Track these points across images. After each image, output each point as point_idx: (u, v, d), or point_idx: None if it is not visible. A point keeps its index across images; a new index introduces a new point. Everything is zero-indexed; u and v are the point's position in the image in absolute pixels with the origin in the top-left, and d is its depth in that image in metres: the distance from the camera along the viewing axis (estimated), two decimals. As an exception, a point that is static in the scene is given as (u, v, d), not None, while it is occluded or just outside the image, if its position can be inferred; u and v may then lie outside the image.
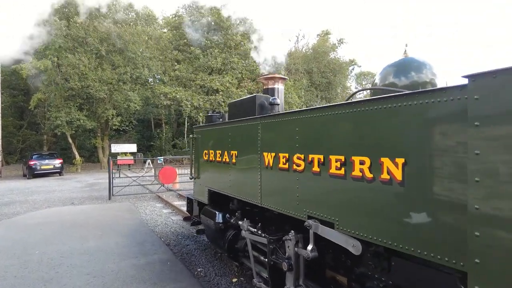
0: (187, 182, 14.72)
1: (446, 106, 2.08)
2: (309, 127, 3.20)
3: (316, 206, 3.11)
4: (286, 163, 3.50)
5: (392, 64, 3.78)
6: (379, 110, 2.49)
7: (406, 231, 2.31)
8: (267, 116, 3.89)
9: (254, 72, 30.88)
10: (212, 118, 5.81)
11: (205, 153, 5.68)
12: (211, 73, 30.49)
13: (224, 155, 4.92)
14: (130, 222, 8.64)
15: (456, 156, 2.00)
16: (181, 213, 9.75)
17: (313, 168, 3.12)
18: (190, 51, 29.97)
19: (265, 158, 3.88)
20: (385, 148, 2.44)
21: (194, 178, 6.15)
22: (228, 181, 4.79)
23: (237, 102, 5.07)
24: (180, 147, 38.70)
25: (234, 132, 4.64)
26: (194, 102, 28.25)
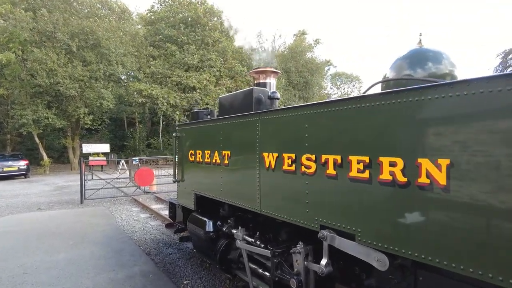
0: (164, 184, 14.02)
1: (504, 97, 1.72)
2: (322, 123, 2.78)
3: (332, 214, 2.70)
4: (292, 164, 3.06)
5: (405, 56, 3.43)
6: (417, 103, 2.10)
7: (452, 244, 1.93)
8: (267, 112, 3.44)
9: (232, 70, 30.33)
10: (198, 115, 5.28)
11: (190, 154, 5.15)
12: (187, 70, 29.64)
13: (214, 155, 4.42)
14: (105, 229, 7.92)
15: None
16: (160, 217, 9.12)
17: (328, 170, 2.70)
18: (166, 47, 28.98)
19: (265, 159, 3.43)
20: (424, 147, 2.06)
21: (177, 181, 5.59)
22: (219, 185, 4.29)
23: (229, 97, 4.58)
24: (155, 147, 37.51)
25: (226, 130, 4.16)
26: (171, 99, 27.33)
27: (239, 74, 30.43)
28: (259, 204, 3.53)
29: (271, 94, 3.66)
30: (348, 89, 63.77)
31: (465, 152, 1.88)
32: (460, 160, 1.90)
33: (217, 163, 4.35)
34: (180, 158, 5.55)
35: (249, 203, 3.70)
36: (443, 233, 1.96)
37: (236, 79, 31.00)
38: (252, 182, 3.62)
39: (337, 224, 2.65)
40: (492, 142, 1.77)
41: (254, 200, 3.60)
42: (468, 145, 1.87)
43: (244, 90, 4.18)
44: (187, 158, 5.25)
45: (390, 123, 2.25)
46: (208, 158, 4.59)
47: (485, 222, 1.80)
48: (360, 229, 2.47)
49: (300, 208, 2.99)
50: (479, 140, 1.82)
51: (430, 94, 2.04)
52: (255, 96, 3.92)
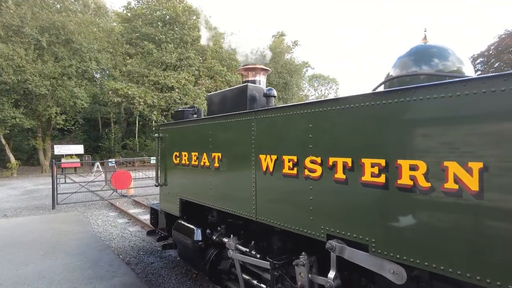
0: (142, 187, 13.45)
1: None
2: (329, 122, 2.53)
3: (340, 223, 2.45)
4: (294, 168, 2.80)
5: (409, 53, 3.25)
6: (444, 100, 1.88)
7: (485, 257, 1.74)
8: (264, 110, 3.16)
9: (212, 70, 29.84)
10: (184, 114, 4.93)
11: (175, 156, 4.79)
12: (165, 69, 28.87)
13: (202, 158, 4.09)
14: (80, 236, 7.37)
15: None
16: (139, 223, 8.64)
17: (336, 174, 2.46)
18: (143, 46, 28.07)
19: (262, 162, 3.15)
20: (451, 147, 1.85)
21: (160, 186, 5.21)
22: (208, 190, 3.97)
23: (220, 94, 4.26)
24: (131, 148, 36.35)
25: (217, 130, 3.84)
26: (148, 99, 26.46)
27: (218, 74, 29.97)
28: (254, 210, 3.25)
29: (267, 91, 3.39)
30: (325, 91, 64.61)
31: (500, 153, 1.68)
32: (494, 163, 1.70)
33: (206, 166, 4.03)
34: (163, 161, 5.17)
35: (243, 210, 3.41)
36: (478, 244, 1.76)
37: (215, 79, 30.51)
38: (247, 186, 3.33)
39: (347, 233, 2.41)
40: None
41: (249, 206, 3.31)
42: (503, 146, 1.68)
43: (237, 86, 3.88)
44: (171, 160, 4.88)
45: (411, 122, 2.03)
46: (196, 160, 4.25)
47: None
48: (374, 239, 2.24)
49: (303, 215, 2.73)
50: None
51: (459, 91, 1.83)
52: (249, 93, 3.63)
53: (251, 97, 3.66)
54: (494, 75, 1.71)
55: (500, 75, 1.68)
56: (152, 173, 16.57)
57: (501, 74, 1.68)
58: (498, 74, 1.69)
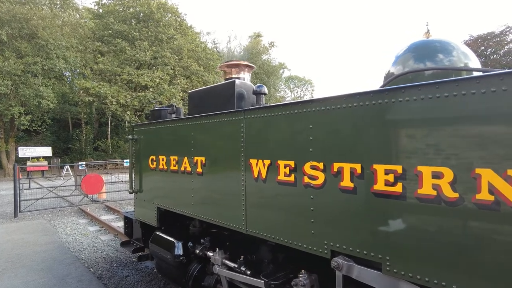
0: (115, 192, 12.72)
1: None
2: (334, 123, 2.22)
3: (348, 237, 2.15)
4: (291, 174, 2.47)
5: (410, 48, 3.01)
6: (486, 96, 1.61)
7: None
8: (255, 109, 2.81)
9: (188, 69, 29.13)
10: (161, 114, 4.49)
11: (151, 160, 4.34)
12: (139, 67, 27.89)
13: (183, 162, 3.69)
14: (46, 248, 6.71)
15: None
16: (112, 230, 8.05)
17: (342, 182, 2.15)
18: (115, 43, 26.96)
19: (252, 167, 2.80)
20: (486, 152, 1.58)
21: (134, 193, 4.73)
22: (190, 198, 3.57)
23: (203, 91, 3.85)
24: (103, 150, 34.92)
25: (199, 131, 3.45)
26: (121, 99, 25.43)
27: (195, 74, 29.31)
28: (244, 222, 2.89)
29: (257, 88, 3.04)
30: (301, 92, 65.15)
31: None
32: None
33: (187, 171, 3.63)
34: (138, 165, 4.70)
35: (231, 221, 3.04)
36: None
37: (192, 78, 29.84)
38: (235, 195, 2.97)
39: (355, 249, 2.10)
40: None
41: (238, 218, 2.95)
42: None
43: (223, 83, 3.50)
44: (147, 165, 4.43)
45: (437, 122, 1.74)
46: (175, 165, 3.84)
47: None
48: (389, 256, 1.94)
49: (302, 228, 2.40)
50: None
51: (495, 86, 1.57)
52: (237, 91, 3.26)
53: (239, 95, 3.29)
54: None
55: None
56: (126, 176, 15.80)
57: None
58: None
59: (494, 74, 1.58)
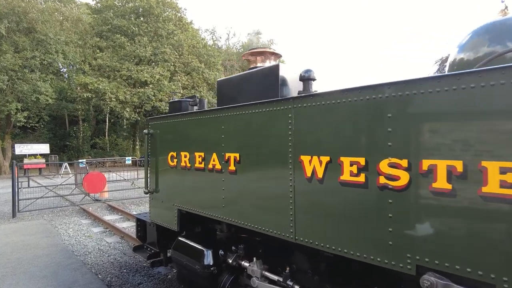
0: (117, 191, 12.26)
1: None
2: (427, 110, 1.81)
3: (441, 250, 1.74)
4: (360, 173, 2.07)
5: (484, 28, 2.60)
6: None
7: None
8: (308, 97, 2.39)
9: (189, 66, 28.62)
10: (181, 105, 4.07)
11: (171, 157, 3.92)
12: (139, 63, 27.34)
13: (211, 159, 3.26)
14: (48, 252, 6.26)
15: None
16: (118, 232, 7.61)
17: (435, 183, 1.74)
18: (114, 39, 26.35)
19: (305, 165, 2.39)
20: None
21: (150, 193, 4.31)
22: (220, 199, 3.16)
23: (236, 79, 3.42)
24: (100, 147, 34.38)
25: (233, 124, 3.03)
26: (120, 95, 24.89)
27: (196, 71, 28.80)
28: (292, 230, 2.48)
29: (305, 73, 2.62)
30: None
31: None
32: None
33: (216, 169, 3.21)
34: (154, 162, 4.27)
35: (274, 228, 2.63)
36: None
37: (192, 75, 29.34)
38: (281, 197, 2.56)
39: (453, 265, 1.70)
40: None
41: (284, 224, 2.54)
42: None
43: (263, 68, 3.05)
44: (166, 162, 4.00)
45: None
46: (201, 162, 3.41)
47: None
48: (506, 277, 1.54)
49: (375, 238, 2.00)
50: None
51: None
52: (281, 76, 2.84)
53: (283, 81, 2.87)
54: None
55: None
56: (127, 174, 15.35)
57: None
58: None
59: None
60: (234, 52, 44.59)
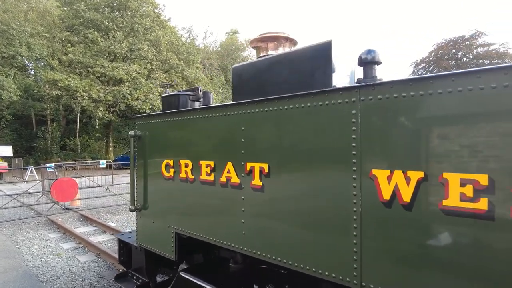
0: (91, 198, 11.09)
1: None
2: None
3: None
4: (478, 198, 1.36)
5: None
6: None
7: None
8: (389, 85, 1.66)
9: (167, 63, 27.37)
10: (179, 100, 3.23)
11: (166, 166, 3.09)
12: (114, 60, 25.81)
13: (224, 170, 2.48)
14: (5, 279, 5.19)
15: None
16: (93, 248, 6.59)
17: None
18: (87, 33, 24.68)
19: (378, 183, 1.66)
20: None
21: (138, 210, 3.44)
22: (237, 223, 2.37)
23: (262, 63, 2.60)
24: (71, 149, 32.32)
25: (259, 124, 2.26)
26: (93, 93, 23.31)
27: (174, 68, 27.60)
28: (357, 272, 1.75)
29: (366, 55, 1.89)
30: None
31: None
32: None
33: (232, 183, 2.42)
34: (142, 172, 3.41)
35: (327, 268, 1.88)
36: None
37: (170, 73, 28.11)
38: (337, 227, 1.82)
39: None
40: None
41: (344, 264, 1.80)
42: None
43: (305, 47, 2.26)
44: (158, 172, 3.17)
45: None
46: (209, 174, 2.61)
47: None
48: None
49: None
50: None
51: None
52: (335, 58, 2.08)
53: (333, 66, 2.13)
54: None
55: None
56: (101, 178, 14.09)
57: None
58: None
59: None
60: (213, 51, 43.62)
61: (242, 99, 2.43)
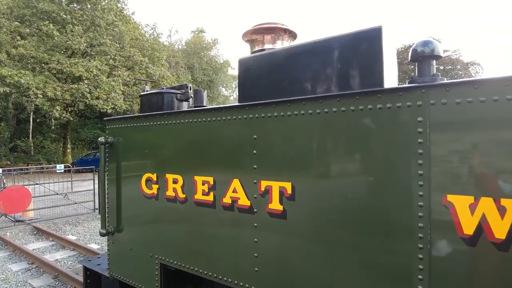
0: (48, 208, 9.96)
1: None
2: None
3: None
4: None
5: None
6: None
7: None
8: (471, 85, 1.26)
9: (131, 60, 25.95)
10: (163, 100, 2.66)
11: (146, 181, 2.52)
12: (72, 55, 24.00)
13: (228, 189, 1.97)
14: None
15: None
16: (49, 268, 5.73)
17: None
18: (40, 26, 22.68)
19: (457, 214, 1.26)
20: None
21: (110, 234, 2.82)
22: (249, 258, 1.89)
23: (280, 54, 2.07)
24: (23, 151, 29.73)
25: (279, 131, 1.78)
26: (48, 91, 21.45)
27: (138, 65, 26.23)
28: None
29: (423, 47, 1.47)
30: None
31: None
32: None
33: (240, 207, 1.92)
34: (115, 188, 2.80)
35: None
36: None
37: (134, 70, 26.70)
38: (395, 271, 1.39)
39: None
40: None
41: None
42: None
43: (344, 34, 1.75)
44: (136, 188, 2.58)
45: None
46: (207, 193, 2.09)
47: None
48: None
49: None
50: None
51: None
52: (386, 48, 1.62)
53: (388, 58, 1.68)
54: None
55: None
56: (59, 185, 12.79)
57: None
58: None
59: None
60: (179, 49, 42.36)
61: (251, 100, 1.94)
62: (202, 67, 40.50)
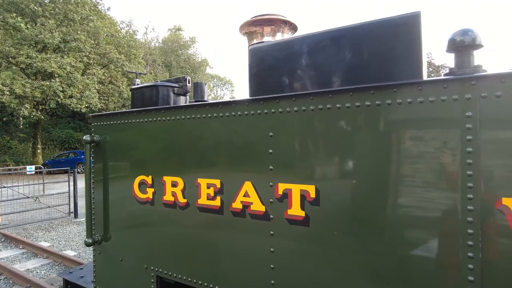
0: (16, 213, 9.31)
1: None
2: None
3: None
4: None
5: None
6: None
7: None
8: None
9: (106, 57, 25.01)
10: (158, 94, 2.41)
11: (140, 184, 2.27)
12: (43, 50, 22.81)
13: (238, 192, 1.78)
14: None
15: None
16: (20, 280, 5.28)
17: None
18: (5, 18, 21.36)
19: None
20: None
21: (96, 244, 2.54)
22: (264, 270, 1.70)
23: (299, 41, 1.84)
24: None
25: (300, 128, 1.60)
26: (16, 88, 20.26)
27: (114, 63, 25.32)
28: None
29: (462, 36, 1.33)
30: (221, 92, 63.53)
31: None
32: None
33: (252, 212, 1.73)
34: (102, 190, 2.53)
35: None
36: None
37: (110, 68, 25.78)
38: (442, 283, 1.25)
39: None
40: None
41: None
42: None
43: (376, 20, 1.57)
44: (128, 192, 2.33)
45: None
46: (213, 197, 1.89)
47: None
48: None
49: None
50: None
51: None
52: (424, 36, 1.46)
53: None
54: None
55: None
56: (29, 187, 12.04)
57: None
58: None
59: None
60: (156, 47, 41.40)
61: (264, 93, 1.75)
62: (180, 65, 39.79)
